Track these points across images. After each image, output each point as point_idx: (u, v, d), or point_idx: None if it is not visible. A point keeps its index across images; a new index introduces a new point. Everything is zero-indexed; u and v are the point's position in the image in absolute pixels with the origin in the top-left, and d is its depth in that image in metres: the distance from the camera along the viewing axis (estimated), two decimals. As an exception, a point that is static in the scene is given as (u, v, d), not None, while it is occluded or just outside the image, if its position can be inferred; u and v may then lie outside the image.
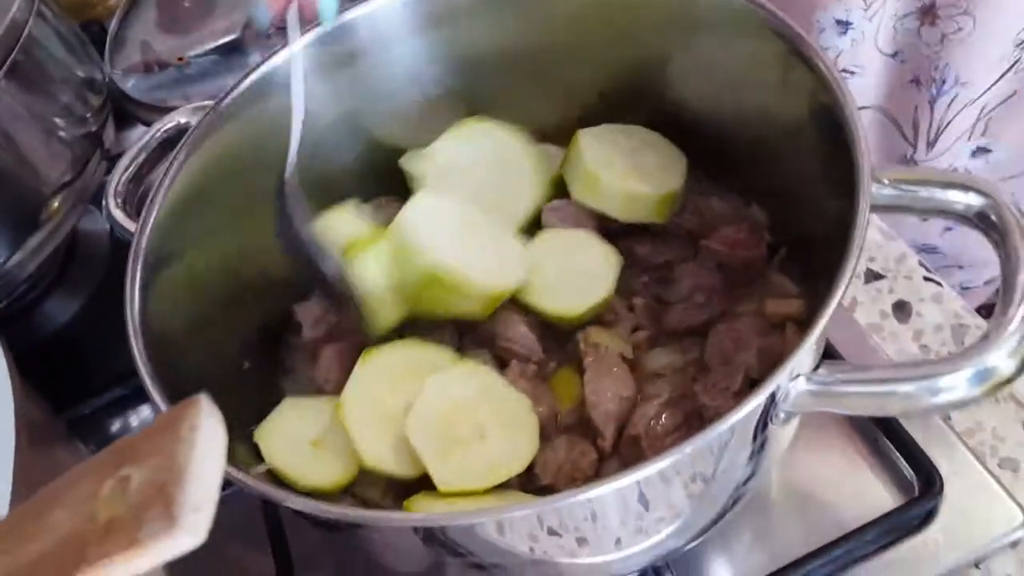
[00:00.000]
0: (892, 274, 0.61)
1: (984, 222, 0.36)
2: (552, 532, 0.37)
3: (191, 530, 0.22)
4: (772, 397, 0.34)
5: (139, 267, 0.42)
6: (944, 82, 0.77)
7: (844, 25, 0.78)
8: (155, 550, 0.23)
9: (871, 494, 0.52)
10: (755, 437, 0.37)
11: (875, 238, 0.63)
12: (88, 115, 0.68)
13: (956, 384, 0.34)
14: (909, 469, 0.51)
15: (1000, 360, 0.33)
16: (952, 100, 0.77)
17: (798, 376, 0.34)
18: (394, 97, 0.54)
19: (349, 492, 0.46)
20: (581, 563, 0.41)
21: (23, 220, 0.62)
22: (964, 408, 0.54)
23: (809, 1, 0.79)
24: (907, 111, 0.81)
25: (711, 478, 0.37)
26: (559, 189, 0.55)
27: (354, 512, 0.33)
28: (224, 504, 0.53)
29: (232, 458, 0.42)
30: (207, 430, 0.23)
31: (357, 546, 0.49)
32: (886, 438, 0.53)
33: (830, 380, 0.34)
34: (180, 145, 0.46)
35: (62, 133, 0.68)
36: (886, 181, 0.39)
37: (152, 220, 0.43)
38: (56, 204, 0.64)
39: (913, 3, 0.74)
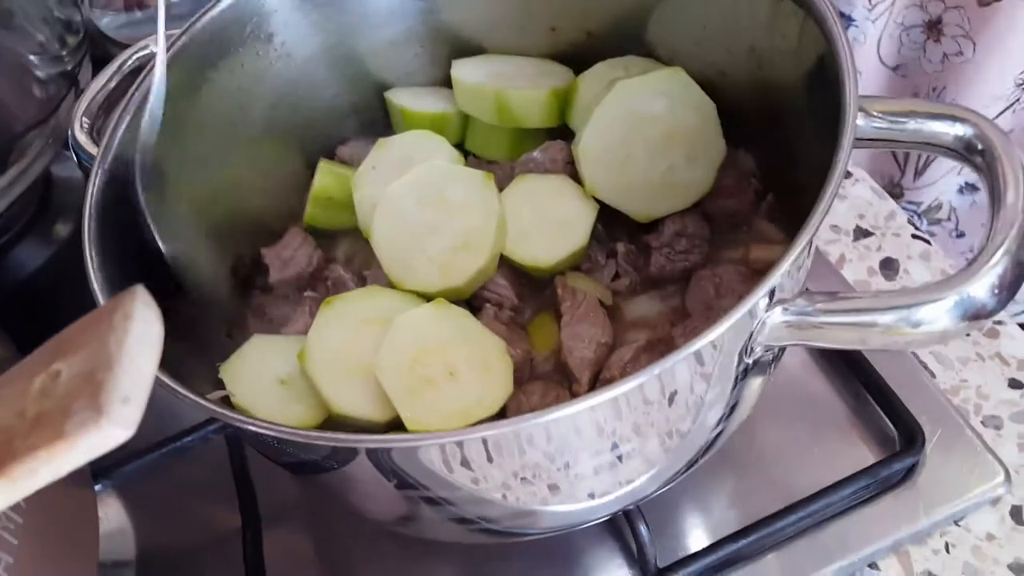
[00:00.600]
0: (881, 231, 0.60)
1: (970, 151, 0.35)
2: (524, 480, 0.36)
3: (120, 421, 0.21)
4: (749, 331, 0.33)
5: (98, 192, 0.40)
6: None
7: (846, 19, 0.76)
8: (82, 442, 0.21)
9: (851, 450, 0.51)
10: (731, 372, 0.35)
11: (865, 195, 0.62)
12: (64, 54, 0.66)
13: (937, 315, 0.32)
14: (891, 425, 0.51)
15: (982, 291, 0.32)
16: None
17: (775, 306, 0.33)
18: (377, 32, 0.52)
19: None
20: (556, 510, 0.40)
21: None
22: (946, 342, 0.53)
23: None
24: None
25: (685, 413, 0.36)
26: (545, 135, 0.53)
27: (304, 432, 0.31)
28: (191, 459, 0.53)
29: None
30: (142, 319, 0.22)
31: (326, 493, 0.48)
32: (867, 393, 0.52)
33: (808, 310, 0.33)
34: (147, 69, 0.44)
35: (36, 71, 0.66)
36: (874, 113, 0.37)
37: (116, 144, 0.42)
38: (27, 144, 0.62)
39: (920, 15, 0.72)
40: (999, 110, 0.73)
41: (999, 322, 0.54)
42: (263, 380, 0.43)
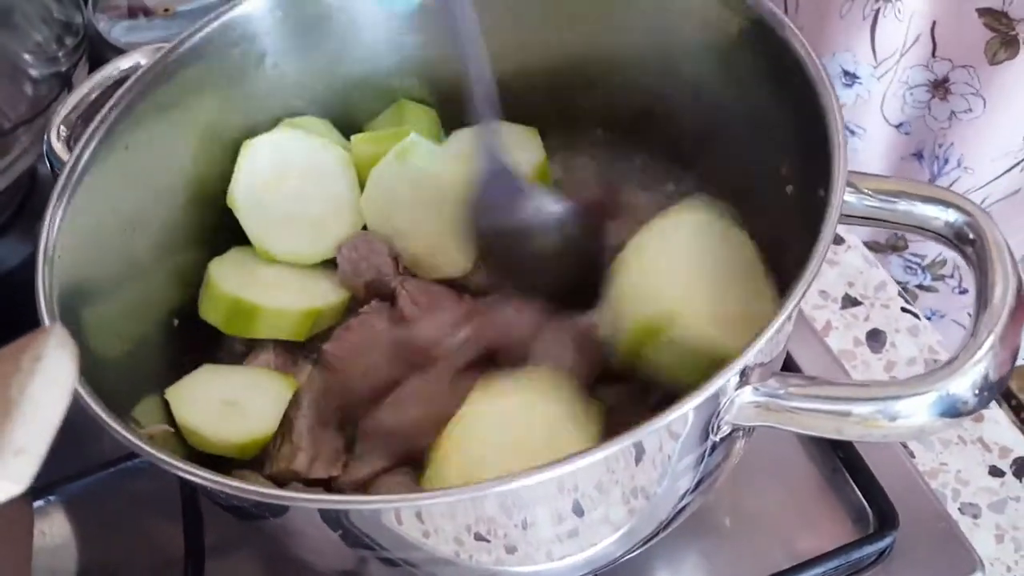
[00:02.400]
0: (870, 301, 0.59)
1: (961, 240, 0.34)
2: (480, 537, 0.35)
3: (9, 475, 0.19)
4: (715, 404, 0.32)
5: (64, 201, 0.39)
6: (947, 162, 0.75)
7: (851, 78, 0.75)
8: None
9: (825, 525, 0.49)
10: (697, 447, 0.34)
11: (856, 263, 0.61)
12: (60, 55, 0.65)
13: (916, 410, 0.31)
14: (866, 504, 0.49)
15: (964, 388, 0.31)
16: (953, 183, 0.75)
17: (745, 384, 0.31)
18: (356, 68, 0.52)
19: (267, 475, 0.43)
20: (513, 571, 0.38)
21: None
22: (923, 439, 0.52)
23: (818, 41, 0.76)
24: None
25: (647, 486, 0.34)
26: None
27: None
28: (144, 477, 0.50)
29: (137, 414, 0.40)
30: (54, 361, 0.21)
31: (270, 540, 0.46)
32: (845, 469, 0.50)
33: (779, 392, 0.32)
34: (130, 82, 0.43)
35: (30, 70, 0.65)
36: (864, 190, 0.36)
37: (87, 154, 0.40)
38: (13, 140, 0.61)
39: (926, 74, 0.72)
40: (1008, 166, 0.72)
41: (984, 406, 0.53)
42: (208, 401, 0.42)
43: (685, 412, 0.29)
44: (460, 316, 0.43)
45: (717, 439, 0.33)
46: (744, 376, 0.31)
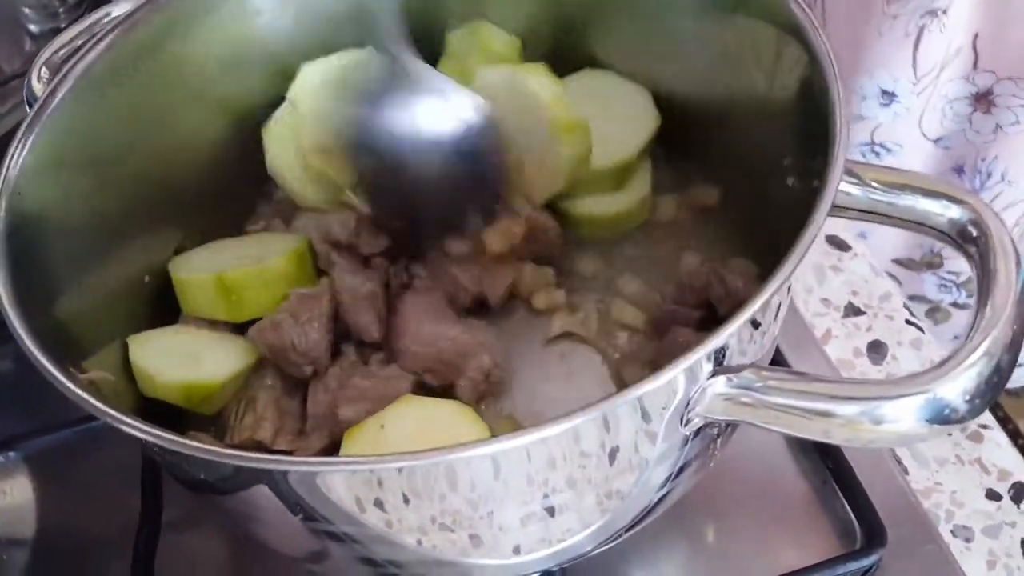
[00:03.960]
0: (873, 311, 0.56)
1: (964, 238, 0.32)
2: (444, 527, 0.33)
3: None
4: (685, 390, 0.30)
5: (32, 136, 0.37)
6: (990, 176, 0.72)
7: (889, 96, 0.73)
8: None
9: (811, 538, 0.47)
10: (666, 437, 0.32)
11: (862, 271, 0.59)
12: (61, 11, 0.64)
13: (902, 414, 0.29)
14: (854, 519, 0.47)
15: (954, 393, 0.28)
16: (995, 197, 0.73)
17: (720, 373, 0.29)
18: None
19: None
20: (475, 563, 0.37)
21: None
22: (911, 447, 0.49)
23: (853, 62, 0.74)
24: None
25: (612, 475, 0.32)
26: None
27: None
28: (111, 441, 0.49)
29: (91, 364, 0.38)
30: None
31: (227, 516, 0.44)
32: (834, 481, 0.48)
33: (755, 384, 0.29)
34: (114, 24, 0.42)
35: (29, 25, 0.64)
36: (868, 180, 0.34)
37: (61, 92, 0.39)
38: (6, 94, 0.60)
39: (967, 87, 0.69)
40: None
41: (984, 426, 0.50)
42: (169, 350, 0.41)
43: (649, 390, 0.27)
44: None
45: (688, 432, 0.31)
46: (718, 365, 0.29)
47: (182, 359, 0.41)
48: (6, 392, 0.55)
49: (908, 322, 0.56)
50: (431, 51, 0.52)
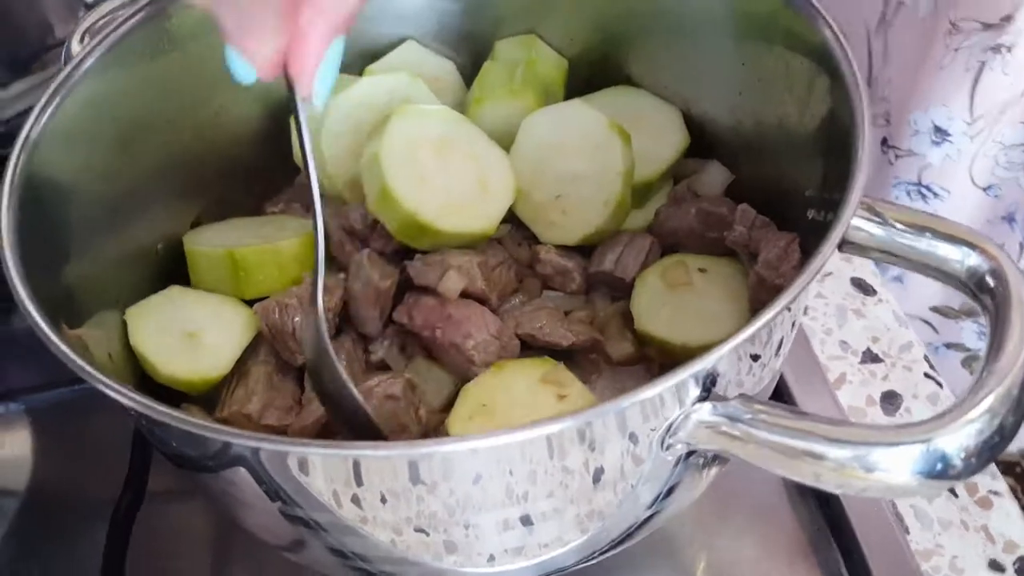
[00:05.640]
0: (892, 360, 0.55)
1: (980, 287, 0.30)
2: (419, 530, 0.32)
3: None
4: (666, 419, 0.29)
5: (62, 94, 0.38)
6: None
7: (942, 135, 0.71)
8: None
9: (798, 586, 0.45)
10: (649, 458, 0.31)
11: (885, 319, 0.57)
12: (118, -20, 0.66)
13: (895, 463, 0.28)
14: (845, 571, 0.45)
15: (952, 447, 0.27)
16: None
17: (703, 400, 0.28)
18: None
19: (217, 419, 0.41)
20: (451, 570, 0.36)
21: (16, 61, 0.60)
22: (900, 498, 0.47)
23: (909, 93, 0.72)
24: None
25: (591, 485, 0.32)
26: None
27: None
28: (105, 399, 0.50)
29: (90, 325, 0.39)
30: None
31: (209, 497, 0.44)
32: (829, 529, 0.46)
33: (742, 415, 0.28)
34: (163, 3, 0.42)
35: (89, -8, 0.66)
36: (890, 220, 0.33)
37: (93, 59, 0.40)
38: (52, 59, 0.62)
39: None
40: None
41: (996, 492, 0.48)
42: (169, 328, 0.41)
43: (630, 404, 0.26)
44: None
45: (670, 457, 0.30)
46: (705, 391, 0.28)
47: (181, 340, 0.41)
48: (19, 347, 0.56)
49: (927, 375, 0.54)
50: (478, 52, 0.52)
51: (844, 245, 0.35)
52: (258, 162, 0.51)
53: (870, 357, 0.55)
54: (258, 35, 0.29)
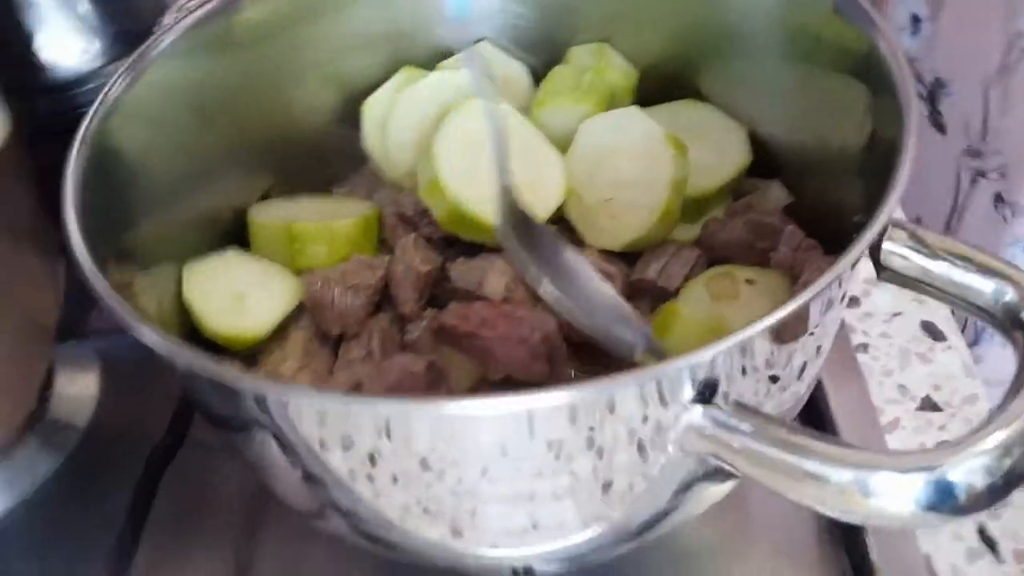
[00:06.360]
0: (952, 411, 0.51)
1: (1013, 322, 0.29)
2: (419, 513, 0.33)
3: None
4: (656, 417, 0.28)
5: (137, 69, 0.41)
6: None
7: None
8: None
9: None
10: (640, 450, 0.30)
11: (952, 366, 0.54)
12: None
13: (895, 488, 0.26)
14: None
15: (958, 477, 0.26)
16: None
17: (697, 402, 0.28)
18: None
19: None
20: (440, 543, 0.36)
21: (130, 35, 0.63)
22: (901, 527, 0.44)
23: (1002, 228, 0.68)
24: None
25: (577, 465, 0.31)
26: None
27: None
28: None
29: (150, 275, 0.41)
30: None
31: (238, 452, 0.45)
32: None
33: (733, 424, 0.28)
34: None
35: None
36: (928, 244, 0.32)
37: (178, 34, 0.43)
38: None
39: None
40: None
41: (1048, 560, 0.45)
42: (219, 287, 0.44)
43: (616, 385, 0.26)
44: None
45: (662, 460, 0.30)
46: (701, 395, 0.28)
47: (230, 299, 0.43)
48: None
49: (989, 431, 0.50)
50: (552, 57, 0.54)
51: (882, 271, 0.34)
52: (331, 148, 0.53)
53: (929, 405, 0.52)
54: None
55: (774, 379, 0.33)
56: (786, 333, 0.30)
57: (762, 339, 0.29)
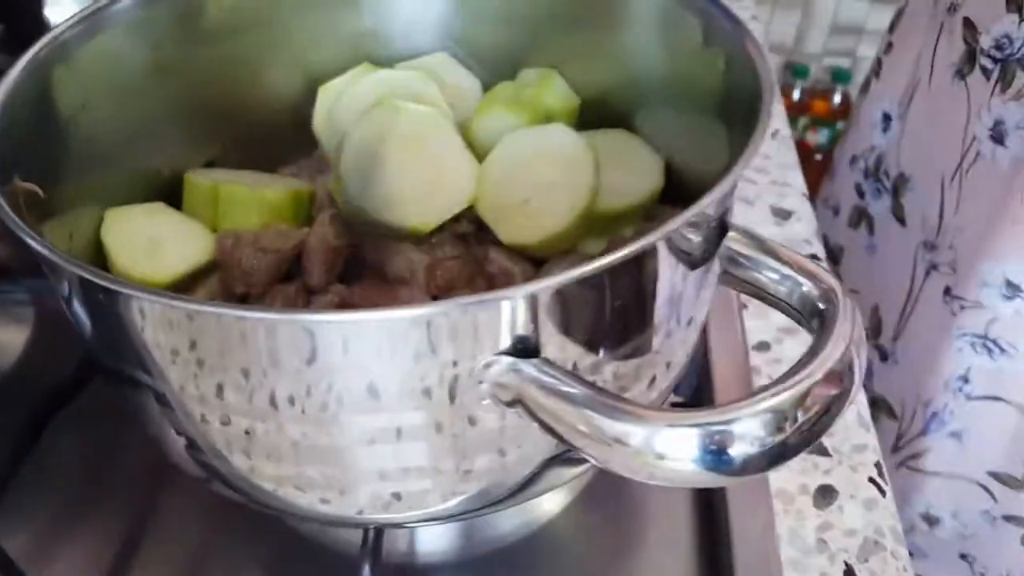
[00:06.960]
0: (840, 458, 0.52)
1: (811, 312, 0.30)
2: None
3: None
4: (472, 352, 0.30)
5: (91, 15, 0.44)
6: None
7: (1013, 290, 0.69)
8: None
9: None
10: (455, 392, 0.31)
11: (848, 417, 0.54)
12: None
13: (676, 447, 0.28)
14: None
15: (738, 436, 0.27)
16: None
17: (504, 352, 0.29)
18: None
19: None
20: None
21: None
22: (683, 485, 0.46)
23: (979, 245, 0.70)
24: None
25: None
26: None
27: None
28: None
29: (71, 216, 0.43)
30: None
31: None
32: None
33: (533, 374, 0.29)
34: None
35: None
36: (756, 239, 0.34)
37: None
38: None
39: None
40: None
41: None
42: (136, 231, 0.46)
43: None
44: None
45: (474, 405, 0.31)
46: (518, 345, 0.29)
47: (145, 243, 0.46)
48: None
49: (871, 480, 0.51)
50: (507, 76, 0.57)
51: (725, 274, 0.36)
52: (285, 129, 0.56)
53: (818, 449, 0.53)
54: None
55: (615, 344, 0.34)
56: (618, 289, 0.32)
57: (583, 290, 0.30)
